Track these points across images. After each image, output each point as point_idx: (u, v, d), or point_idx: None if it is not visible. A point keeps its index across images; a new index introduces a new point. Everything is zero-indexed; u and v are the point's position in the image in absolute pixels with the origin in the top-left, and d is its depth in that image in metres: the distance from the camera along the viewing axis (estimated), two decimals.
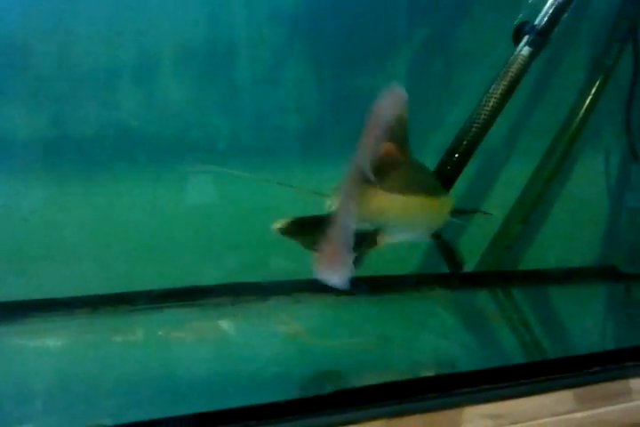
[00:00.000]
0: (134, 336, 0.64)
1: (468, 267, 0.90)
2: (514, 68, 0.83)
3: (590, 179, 1.00)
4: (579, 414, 0.53)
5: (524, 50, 0.83)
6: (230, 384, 0.52)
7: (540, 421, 0.51)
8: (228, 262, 0.81)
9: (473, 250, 0.92)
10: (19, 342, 0.64)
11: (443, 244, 0.81)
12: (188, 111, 0.80)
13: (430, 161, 0.78)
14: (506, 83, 0.82)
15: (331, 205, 0.49)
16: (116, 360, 0.58)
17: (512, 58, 0.83)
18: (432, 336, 0.69)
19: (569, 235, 0.98)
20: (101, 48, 0.76)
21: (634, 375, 0.55)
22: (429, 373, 0.54)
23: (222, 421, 0.42)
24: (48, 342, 0.64)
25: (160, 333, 0.66)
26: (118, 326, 0.68)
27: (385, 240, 0.54)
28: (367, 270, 0.84)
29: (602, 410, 0.54)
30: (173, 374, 0.55)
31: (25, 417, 0.44)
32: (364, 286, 0.75)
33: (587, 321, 0.75)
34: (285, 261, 0.79)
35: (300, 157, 0.84)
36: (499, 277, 0.90)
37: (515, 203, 0.93)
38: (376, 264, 0.82)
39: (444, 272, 0.85)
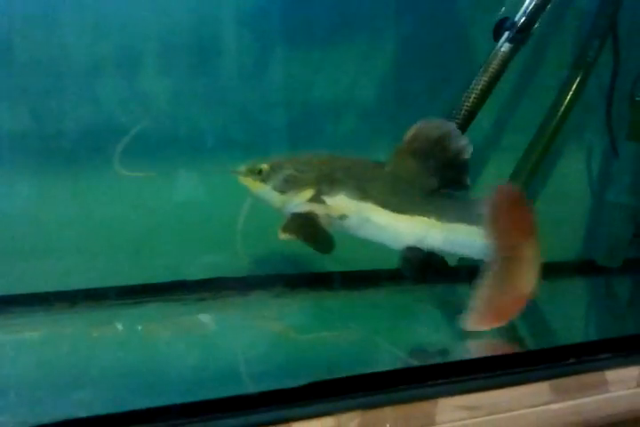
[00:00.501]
0: (114, 330, 0.64)
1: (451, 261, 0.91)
2: (494, 65, 0.83)
3: (571, 174, 1.01)
4: (554, 406, 0.53)
5: (504, 46, 0.84)
6: (208, 377, 0.52)
7: (516, 412, 0.51)
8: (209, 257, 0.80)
9: None
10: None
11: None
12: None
13: None
14: (486, 79, 0.83)
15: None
16: (95, 353, 0.57)
17: (492, 54, 0.83)
18: (413, 329, 0.69)
19: (550, 230, 0.98)
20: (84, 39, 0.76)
21: (610, 367, 0.56)
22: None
23: (194, 413, 0.42)
24: (27, 336, 0.64)
25: (140, 327, 0.66)
26: (98, 320, 0.68)
27: None
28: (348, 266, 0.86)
29: (578, 402, 0.54)
30: (151, 366, 0.55)
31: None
32: None
33: (566, 315, 0.76)
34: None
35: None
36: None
37: None
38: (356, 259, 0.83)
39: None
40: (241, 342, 0.62)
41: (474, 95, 0.82)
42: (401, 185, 0.64)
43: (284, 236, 0.62)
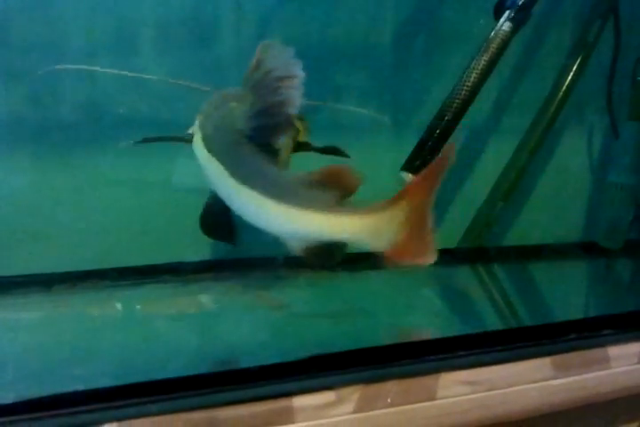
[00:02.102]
0: (113, 310, 0.64)
1: (451, 243, 0.91)
2: (494, 44, 0.82)
3: (572, 156, 1.00)
4: (555, 382, 0.53)
5: (504, 25, 0.83)
6: (209, 353, 0.52)
7: (517, 388, 0.51)
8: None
9: (455, 226, 0.92)
10: None
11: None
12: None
13: (411, 138, 0.78)
14: (486, 58, 0.82)
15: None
16: (95, 331, 0.57)
17: (493, 33, 0.82)
18: (411, 309, 0.69)
19: (551, 212, 0.98)
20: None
21: (612, 343, 0.56)
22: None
23: (197, 386, 0.42)
24: (26, 315, 0.63)
25: (138, 307, 0.66)
26: (97, 300, 0.68)
27: None
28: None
29: (579, 377, 0.54)
30: (152, 343, 0.54)
31: None
32: None
33: (567, 296, 0.76)
34: None
35: None
36: (480, 253, 0.90)
37: (496, 180, 0.93)
38: None
39: None
40: (241, 320, 0.62)
41: (474, 75, 0.81)
42: None
43: None
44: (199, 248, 0.79)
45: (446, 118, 0.80)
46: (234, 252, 0.79)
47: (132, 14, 0.76)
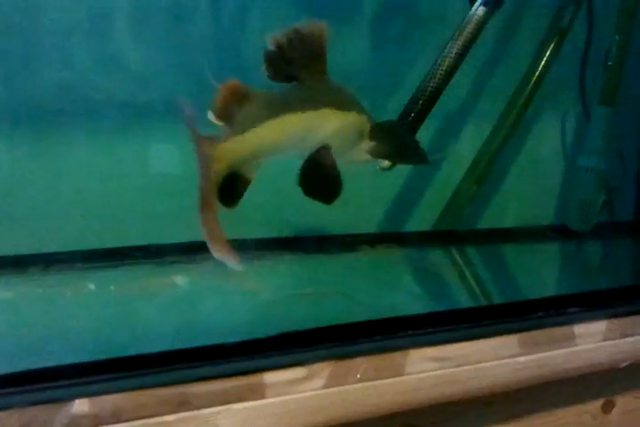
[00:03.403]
0: (87, 290, 0.64)
1: (427, 225, 0.92)
2: (469, 28, 0.83)
3: (544, 140, 1.02)
4: (522, 358, 0.54)
5: (479, 9, 0.83)
6: (183, 330, 0.52)
7: (484, 364, 0.52)
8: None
9: (429, 210, 0.93)
10: None
11: None
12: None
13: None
14: (461, 43, 0.82)
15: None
16: (69, 310, 0.57)
17: (467, 18, 0.83)
18: (384, 289, 0.70)
19: (523, 195, 1.00)
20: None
21: (577, 321, 0.57)
22: None
23: (169, 362, 0.42)
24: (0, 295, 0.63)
25: (112, 287, 0.66)
26: (71, 281, 0.68)
27: None
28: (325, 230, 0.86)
29: (545, 354, 0.55)
30: (125, 321, 0.55)
31: None
32: None
33: (537, 276, 0.77)
34: None
35: None
36: (453, 236, 0.91)
37: (470, 164, 0.94)
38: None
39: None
40: (214, 299, 0.62)
41: (448, 59, 0.82)
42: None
43: None
44: (175, 231, 0.79)
45: (421, 102, 0.80)
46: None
47: None
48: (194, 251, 0.77)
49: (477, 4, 0.83)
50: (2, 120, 0.74)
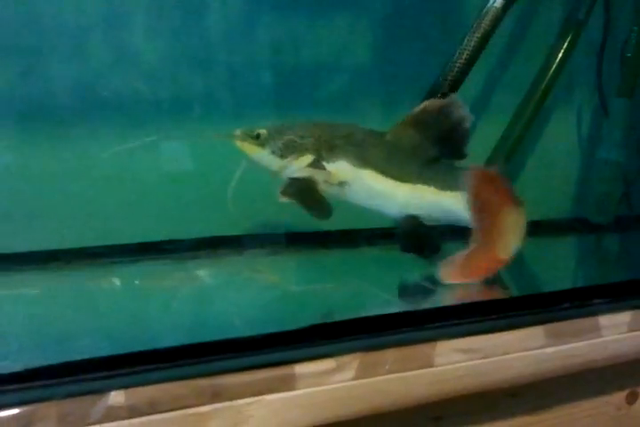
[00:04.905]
0: (111, 284, 0.65)
1: None
2: (486, 21, 0.83)
3: (563, 132, 1.02)
4: (548, 350, 0.54)
5: (496, 2, 0.83)
6: (208, 325, 0.53)
7: (511, 355, 0.52)
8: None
9: None
10: None
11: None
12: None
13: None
14: (479, 35, 0.82)
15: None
16: (95, 304, 0.58)
17: (485, 10, 0.83)
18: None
19: (542, 188, 1.00)
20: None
21: (602, 312, 0.57)
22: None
23: (201, 353, 0.42)
24: (25, 291, 0.64)
25: (137, 281, 0.67)
26: (94, 277, 0.68)
27: None
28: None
29: (571, 346, 0.55)
30: (153, 314, 0.55)
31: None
32: None
33: (560, 269, 0.77)
34: None
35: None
36: None
37: (488, 157, 0.94)
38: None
39: None
40: (239, 292, 0.63)
41: (466, 53, 0.82)
42: (401, 154, 0.65)
43: (283, 199, 0.63)
44: (194, 226, 0.80)
45: (439, 96, 0.80)
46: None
47: None
48: (213, 246, 0.78)
49: None
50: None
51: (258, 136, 0.66)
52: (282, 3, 0.85)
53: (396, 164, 0.65)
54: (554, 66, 0.95)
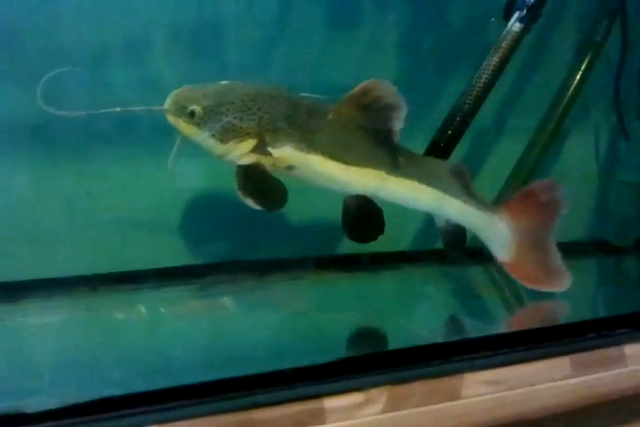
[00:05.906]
0: (137, 312, 0.65)
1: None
2: (505, 44, 0.83)
3: (581, 154, 1.01)
4: (573, 380, 0.54)
5: (514, 26, 0.84)
6: (238, 355, 0.53)
7: (537, 387, 0.53)
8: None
9: None
10: (20, 319, 0.64)
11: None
12: None
13: (423, 138, 0.79)
14: (497, 59, 0.83)
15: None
16: (123, 334, 0.58)
17: (503, 34, 0.83)
18: (428, 309, 0.70)
19: None
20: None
21: (627, 342, 0.57)
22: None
23: (227, 389, 0.43)
24: (49, 319, 0.64)
25: (162, 309, 0.67)
26: (119, 303, 0.69)
27: None
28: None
29: (596, 376, 0.55)
30: (181, 345, 0.55)
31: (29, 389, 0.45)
32: None
33: (581, 293, 0.77)
34: None
35: None
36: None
37: (506, 180, 0.94)
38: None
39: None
40: (264, 321, 0.63)
41: (485, 75, 0.82)
42: (346, 136, 0.64)
43: (246, 200, 0.61)
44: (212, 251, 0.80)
45: (458, 119, 0.81)
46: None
47: None
48: (235, 271, 0.79)
49: (513, 20, 0.83)
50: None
51: (192, 114, 0.61)
52: None
53: (342, 146, 0.64)
54: (572, 88, 0.95)
